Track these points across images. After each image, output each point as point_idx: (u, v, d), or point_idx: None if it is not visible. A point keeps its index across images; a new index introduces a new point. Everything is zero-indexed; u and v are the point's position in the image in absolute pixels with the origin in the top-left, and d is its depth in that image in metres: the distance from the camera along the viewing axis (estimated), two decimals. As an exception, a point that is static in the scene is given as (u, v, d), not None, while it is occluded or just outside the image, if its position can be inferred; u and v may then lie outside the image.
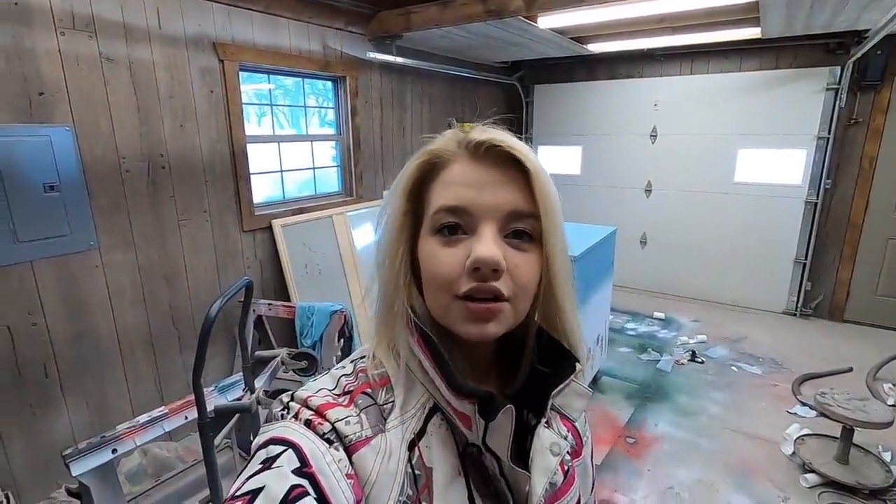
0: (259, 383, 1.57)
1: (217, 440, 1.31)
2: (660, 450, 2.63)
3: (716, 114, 4.45)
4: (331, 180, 3.65)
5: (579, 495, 0.58)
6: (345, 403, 0.47)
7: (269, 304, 2.77)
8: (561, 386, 0.50)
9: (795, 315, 4.38)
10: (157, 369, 2.56)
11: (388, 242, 0.51)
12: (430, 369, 0.48)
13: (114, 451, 1.55)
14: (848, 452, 2.38)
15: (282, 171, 3.22)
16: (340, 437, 0.44)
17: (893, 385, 3.18)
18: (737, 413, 2.96)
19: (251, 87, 3.03)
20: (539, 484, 0.49)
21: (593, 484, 0.67)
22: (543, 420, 0.51)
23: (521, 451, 0.50)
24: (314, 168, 3.46)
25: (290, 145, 3.27)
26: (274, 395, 1.28)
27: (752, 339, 3.97)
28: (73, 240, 2.17)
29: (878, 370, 3.32)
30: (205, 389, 1.79)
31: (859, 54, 3.47)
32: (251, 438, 1.90)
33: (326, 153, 3.59)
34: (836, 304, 4.26)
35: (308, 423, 0.44)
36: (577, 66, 5.03)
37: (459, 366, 0.48)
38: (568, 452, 0.56)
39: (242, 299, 1.60)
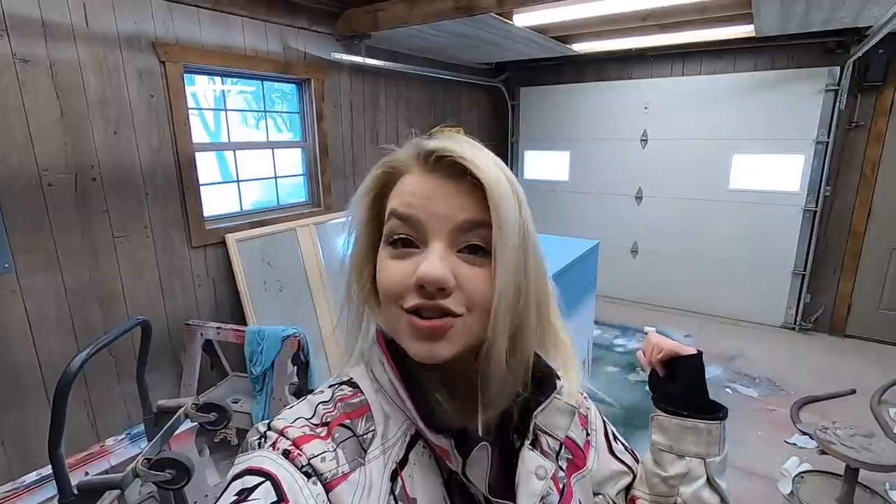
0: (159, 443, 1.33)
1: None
2: (645, 487, 2.39)
3: (709, 117, 4.22)
4: (296, 189, 3.41)
5: None
6: (322, 435, 0.44)
7: (219, 329, 2.53)
8: (543, 405, 0.50)
9: (794, 329, 4.14)
10: (91, 402, 2.31)
11: (354, 255, 0.50)
12: (405, 398, 0.47)
13: (-13, 520, 1.30)
14: (852, 494, 2.14)
15: (238, 180, 2.98)
16: (317, 473, 0.42)
17: (900, 410, 2.94)
18: (731, 443, 2.69)
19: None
20: None
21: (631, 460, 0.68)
22: (528, 442, 0.50)
23: (510, 475, 0.49)
24: (276, 177, 3.22)
25: (251, 153, 3.04)
26: (156, 465, 1.05)
27: (748, 356, 3.73)
28: (-18, 263, 1.94)
29: (883, 393, 3.08)
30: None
31: (860, 53, 3.24)
32: (182, 499, 1.63)
33: (293, 160, 3.36)
34: (837, 319, 4.02)
35: (286, 454, 0.42)
36: (564, 67, 4.81)
37: (434, 390, 0.47)
38: (562, 468, 0.55)
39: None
